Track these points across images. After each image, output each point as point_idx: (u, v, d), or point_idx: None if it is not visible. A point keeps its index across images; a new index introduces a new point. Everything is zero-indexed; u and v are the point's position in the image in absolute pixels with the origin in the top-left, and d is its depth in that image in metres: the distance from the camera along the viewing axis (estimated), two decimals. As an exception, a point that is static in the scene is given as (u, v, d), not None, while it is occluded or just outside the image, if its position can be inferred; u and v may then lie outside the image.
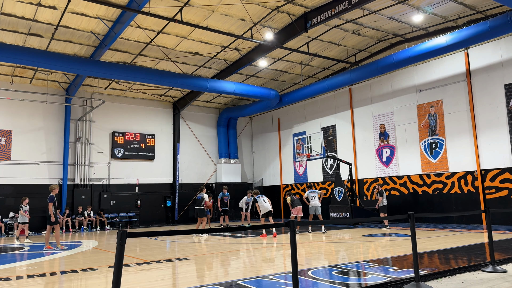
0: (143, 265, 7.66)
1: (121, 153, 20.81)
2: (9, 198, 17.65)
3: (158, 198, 21.80)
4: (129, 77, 16.21)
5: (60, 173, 19.04)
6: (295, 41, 16.11)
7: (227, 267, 7.55)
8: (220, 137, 24.15)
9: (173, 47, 16.46)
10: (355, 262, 7.38)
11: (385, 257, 7.90)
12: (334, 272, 6.36)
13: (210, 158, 24.09)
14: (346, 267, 6.80)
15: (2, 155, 17.87)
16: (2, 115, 18.03)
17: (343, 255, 8.41)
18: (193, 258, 8.50)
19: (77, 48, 15.95)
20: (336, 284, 5.45)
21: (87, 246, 11.68)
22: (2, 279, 6.63)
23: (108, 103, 20.24)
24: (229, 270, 7.20)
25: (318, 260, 7.87)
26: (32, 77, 18.21)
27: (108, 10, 13.32)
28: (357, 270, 6.61)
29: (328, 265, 7.13)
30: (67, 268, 7.74)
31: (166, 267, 7.50)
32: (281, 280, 5.85)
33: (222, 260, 8.36)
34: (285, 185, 22.97)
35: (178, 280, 6.39)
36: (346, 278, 5.85)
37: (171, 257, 8.81)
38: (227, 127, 24.31)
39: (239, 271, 7.02)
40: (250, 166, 25.65)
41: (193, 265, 7.63)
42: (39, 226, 17.56)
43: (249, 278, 6.04)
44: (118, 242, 3.26)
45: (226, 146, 24.11)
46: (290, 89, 22.04)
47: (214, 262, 8.06)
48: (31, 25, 14.00)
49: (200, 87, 17.60)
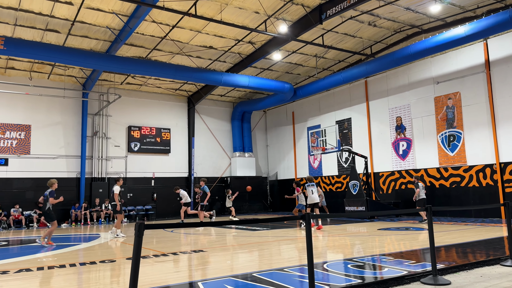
0: (160, 257, 7.77)
1: (137, 147, 21.06)
2: (29, 191, 18.08)
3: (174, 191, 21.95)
4: (145, 71, 16.34)
5: (78, 167, 19.40)
6: (310, 33, 15.97)
7: (242, 259, 7.59)
8: (234, 131, 24.21)
9: (188, 41, 16.50)
10: (371, 255, 7.34)
11: (401, 251, 7.83)
12: (350, 265, 6.34)
13: (225, 151, 24.19)
14: (361, 260, 6.77)
15: (22, 150, 18.28)
16: (21, 110, 18.42)
17: (358, 248, 8.37)
18: (209, 250, 8.58)
19: (93, 43, 16.13)
20: (351, 277, 5.44)
21: (105, 239, 11.90)
22: (23, 269, 6.81)
23: (124, 97, 20.47)
24: (244, 262, 7.25)
25: (333, 254, 7.86)
26: (50, 72, 18.52)
27: (123, 5, 13.41)
28: (372, 263, 6.58)
29: (343, 259, 7.11)
30: (86, 259, 7.90)
31: (183, 259, 7.59)
32: (296, 273, 5.87)
33: (237, 252, 8.42)
34: (299, 179, 22.92)
35: (194, 272, 6.46)
36: (361, 271, 5.83)
37: (187, 249, 8.91)
38: (241, 121, 24.35)
39: (254, 263, 7.06)
40: (264, 160, 25.67)
41: (209, 257, 7.70)
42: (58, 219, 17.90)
43: (264, 271, 6.07)
44: (136, 233, 3.31)
45: (240, 139, 24.17)
46: (304, 82, 21.91)
47: (229, 255, 8.12)
48: (48, 21, 14.21)
49: (214, 81, 17.64)
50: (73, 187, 19.16)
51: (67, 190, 18.89)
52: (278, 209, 24.33)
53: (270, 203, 25.13)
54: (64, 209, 18.57)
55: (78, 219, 18.31)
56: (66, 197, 18.63)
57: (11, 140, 18.10)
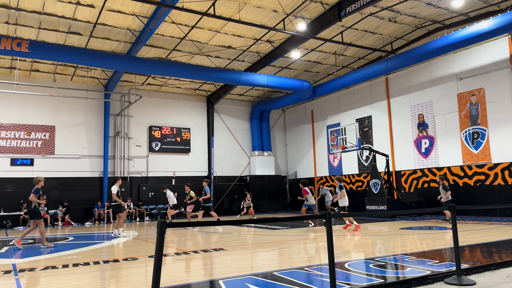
0: (181, 255, 7.86)
1: (158, 146, 21.35)
2: (54, 190, 18.55)
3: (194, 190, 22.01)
4: (165, 72, 16.54)
5: (100, 166, 19.80)
6: (329, 30, 15.84)
7: (262, 258, 7.61)
8: (253, 130, 24.25)
9: (206, 41, 16.61)
10: (393, 255, 7.24)
11: (424, 250, 7.70)
12: (371, 265, 6.28)
13: (244, 150, 24.25)
14: (383, 260, 6.69)
15: (47, 150, 18.78)
16: (46, 112, 18.91)
17: (380, 248, 8.27)
18: (229, 249, 8.63)
19: (114, 45, 16.42)
20: (373, 277, 5.38)
21: (127, 237, 12.10)
22: (49, 267, 7.00)
23: (145, 98, 20.76)
24: (264, 261, 7.26)
25: (354, 253, 7.79)
26: (73, 74, 18.95)
27: (143, 7, 13.60)
28: (395, 263, 6.49)
29: (364, 258, 7.04)
30: (109, 257, 8.06)
31: (203, 257, 7.66)
32: (316, 272, 5.84)
33: (257, 251, 8.44)
34: (319, 177, 22.79)
35: (215, 270, 6.51)
36: (383, 271, 5.75)
37: (208, 247, 8.98)
38: (260, 120, 24.37)
39: (274, 262, 7.07)
40: (283, 159, 25.62)
41: (229, 256, 7.74)
42: (82, 217, 18.36)
43: (284, 269, 6.07)
44: (158, 232, 3.36)
45: (259, 138, 24.19)
46: (323, 80, 21.75)
47: (250, 253, 8.14)
48: (71, 24, 14.53)
49: (233, 81, 17.71)
50: (96, 186, 19.56)
51: (90, 189, 19.33)
52: (297, 208, 24.25)
53: (290, 202, 25.07)
54: (88, 208, 19.01)
55: (101, 217, 18.70)
56: (89, 196, 19.15)
57: (36, 141, 18.61)
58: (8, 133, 18.09)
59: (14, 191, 17.82)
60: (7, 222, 17.11)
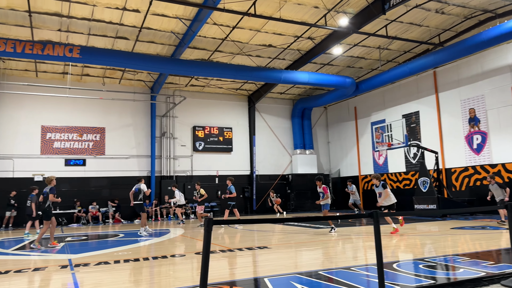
0: (226, 252, 7.97)
1: (201, 146, 21.80)
2: (105, 189, 19.45)
3: (237, 188, 22.20)
4: (207, 73, 16.85)
5: (148, 166, 20.52)
6: (372, 24, 15.44)
7: (307, 257, 7.56)
8: (294, 128, 24.13)
9: (247, 41, 16.72)
10: (443, 255, 6.95)
11: (477, 251, 7.32)
12: (421, 265, 6.05)
13: (285, 149, 24.20)
14: (433, 260, 6.43)
15: (98, 150, 19.71)
16: (96, 114, 19.85)
17: (429, 248, 7.96)
18: (274, 247, 8.64)
19: (159, 48, 16.92)
20: (423, 277, 5.19)
21: (174, 234, 12.45)
22: (102, 262, 7.34)
23: (188, 99, 21.24)
24: (309, 260, 7.20)
25: (402, 253, 7.55)
26: (121, 77, 19.74)
27: (186, 9, 13.92)
28: (445, 264, 6.22)
29: (413, 258, 6.81)
30: (158, 254, 8.32)
31: (248, 255, 7.72)
32: (364, 272, 5.72)
33: (301, 250, 8.39)
34: (363, 176, 22.29)
35: (260, 268, 6.55)
36: (433, 272, 5.54)
37: (252, 245, 9.04)
38: (301, 118, 24.21)
39: (319, 261, 7.00)
40: (326, 157, 25.30)
41: (274, 254, 7.76)
42: (131, 215, 19.09)
43: (330, 269, 5.99)
44: (205, 229, 3.43)
45: (301, 137, 24.04)
46: (367, 76, 21.22)
47: (294, 252, 8.11)
48: (118, 29, 15.14)
49: (274, 79, 17.71)
50: (144, 185, 20.24)
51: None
52: (341, 207, 23.85)
53: (333, 200, 24.69)
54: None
55: (149, 215, 19.35)
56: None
57: (88, 142, 19.59)
58: (62, 135, 19.17)
59: (68, 190, 18.84)
60: (62, 219, 18.12)
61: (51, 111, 19.04)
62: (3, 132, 18.12)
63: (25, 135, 18.49)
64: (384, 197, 10.90)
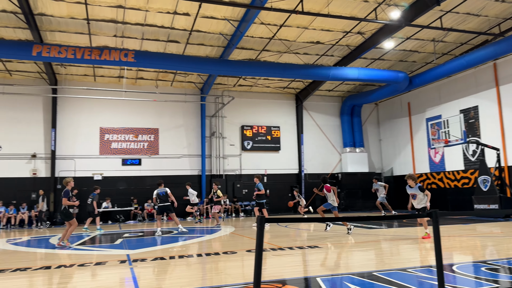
0: (277, 251, 7.98)
1: (250, 145, 22.00)
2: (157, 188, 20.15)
3: (285, 187, 22.43)
4: (255, 72, 16.96)
5: (199, 165, 21.04)
6: (426, 16, 14.76)
7: (359, 257, 7.39)
8: (344, 125, 23.67)
9: (295, 39, 16.63)
10: (507, 258, 6.50)
11: (549, 256, 6.78)
12: (483, 268, 5.71)
13: (334, 147, 23.80)
14: (496, 263, 6.04)
15: (152, 150, 20.52)
16: (150, 116, 20.66)
17: (491, 250, 7.50)
18: (324, 247, 8.53)
19: (208, 50, 17.28)
20: (485, 281, 4.89)
21: (225, 232, 12.67)
22: (158, 258, 7.63)
23: (237, 99, 21.51)
24: (362, 260, 7.04)
25: (462, 255, 7.17)
26: (172, 80, 20.39)
27: (234, 10, 14.10)
28: (510, 267, 5.82)
29: (474, 261, 6.43)
30: (210, 250, 8.51)
31: (298, 254, 7.68)
32: (420, 274, 5.50)
33: (353, 250, 8.22)
34: (418, 174, 21.40)
35: (311, 267, 6.49)
36: (496, 275, 5.21)
37: (303, 244, 8.99)
38: (351, 115, 23.70)
39: (372, 262, 6.82)
40: (377, 155, 24.58)
41: (325, 254, 7.66)
42: (184, 213, 19.67)
43: (384, 270, 5.82)
44: (258, 226, 3.45)
45: (350, 134, 23.54)
46: (421, 70, 20.33)
47: (345, 252, 7.96)
48: (169, 33, 15.64)
49: (322, 76, 17.46)
50: (196, 183, 20.80)
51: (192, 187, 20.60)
52: (394, 207, 23.07)
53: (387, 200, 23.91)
54: (188, 204, 20.27)
55: (201, 213, 19.84)
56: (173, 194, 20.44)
57: (143, 143, 20.45)
58: (119, 136, 20.15)
59: (125, 188, 19.78)
60: (120, 216, 19.04)
61: (109, 113, 20.07)
62: (65, 134, 19.35)
63: (85, 137, 19.63)
64: (428, 198, 9.64)
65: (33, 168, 18.79)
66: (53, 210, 18.54)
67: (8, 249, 9.62)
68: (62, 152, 19.20)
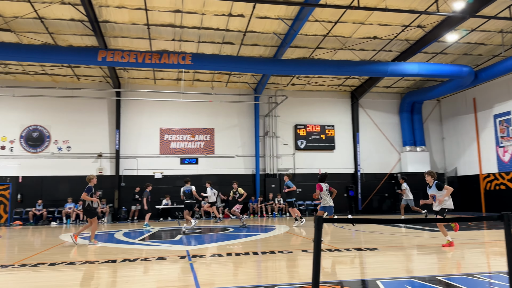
0: (334, 252, 7.85)
1: (303, 144, 21.86)
2: (215, 186, 20.57)
3: (340, 187, 21.94)
4: (309, 71, 16.83)
5: (253, 164, 21.27)
6: (492, 6, 13.80)
7: (421, 261, 7.08)
8: (403, 123, 22.76)
9: (350, 35, 16.26)
10: None
11: None
12: None
13: (393, 146, 22.96)
14: None
15: (208, 150, 21.06)
16: (206, 116, 21.23)
17: None
18: (384, 249, 8.25)
19: (262, 50, 17.40)
20: None
21: (279, 230, 12.69)
22: (216, 255, 7.81)
23: (290, 98, 21.45)
24: (425, 264, 6.73)
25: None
26: (227, 80, 20.79)
27: (287, 9, 14.08)
28: None
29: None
30: (265, 249, 8.56)
31: (356, 256, 7.51)
32: (491, 280, 5.15)
33: (414, 253, 7.88)
34: (485, 175, 20.05)
35: (371, 270, 6.31)
36: None
37: (360, 246, 8.77)
38: (411, 113, 22.73)
39: (435, 266, 6.50)
40: (440, 154, 23.35)
41: (384, 256, 7.41)
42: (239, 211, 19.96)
43: (449, 275, 5.52)
44: (315, 226, 3.42)
45: (410, 133, 22.59)
46: (487, 63, 19.01)
47: (406, 255, 7.65)
48: (224, 35, 15.95)
49: (379, 73, 16.92)
50: (250, 182, 21.06)
51: (245, 185, 20.80)
52: (459, 209, 21.79)
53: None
54: (243, 202, 20.57)
55: (255, 211, 20.04)
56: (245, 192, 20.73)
57: (199, 142, 21.07)
58: (177, 136, 20.91)
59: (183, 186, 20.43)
60: (179, 213, 19.72)
61: (168, 114, 20.89)
62: (128, 134, 20.41)
63: (146, 137, 20.59)
64: (445, 195, 8.33)
65: (99, 167, 20.03)
66: (117, 206, 19.64)
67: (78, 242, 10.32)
68: (126, 151, 20.28)
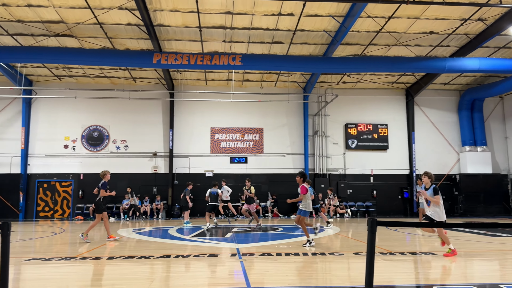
0: (387, 255, 7.60)
1: (354, 144, 21.36)
2: (264, 185, 20.77)
3: (395, 189, 21.30)
4: (361, 68, 16.42)
5: (302, 164, 21.12)
6: None
7: (482, 267, 6.66)
8: (462, 122, 21.57)
9: (405, 31, 15.66)
10: None
11: None
12: None
13: (451, 146, 21.82)
14: None
15: (257, 149, 21.20)
16: (256, 116, 21.37)
17: None
18: (440, 253, 7.86)
19: (311, 48, 17.22)
20: None
21: (330, 232, 12.49)
22: (265, 254, 7.84)
23: (340, 96, 21.04)
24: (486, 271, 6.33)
25: None
26: (276, 80, 20.80)
27: (338, 6, 13.83)
28: None
29: None
30: (316, 250, 8.46)
31: (411, 260, 7.22)
32: None
33: (476, 259, 7.43)
34: None
35: (424, 275, 6.04)
36: None
37: (415, 250, 8.42)
38: (470, 110, 21.50)
39: (498, 273, 6.09)
40: (503, 154, 21.87)
41: (441, 261, 7.06)
42: (287, 210, 19.94)
43: None
44: (369, 229, 3.34)
45: (470, 132, 21.36)
46: (558, 57, 17.55)
47: (466, 261, 7.23)
48: (274, 34, 15.96)
49: (436, 69, 16.14)
50: (299, 182, 20.90)
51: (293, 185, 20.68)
52: (524, 213, 20.35)
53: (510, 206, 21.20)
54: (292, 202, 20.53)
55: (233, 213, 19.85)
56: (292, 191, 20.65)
57: (248, 142, 21.27)
58: (227, 135, 21.25)
59: (233, 185, 20.68)
60: (229, 211, 20.03)
61: (218, 114, 21.29)
62: (181, 134, 21.04)
63: (198, 137, 21.12)
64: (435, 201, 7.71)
65: (154, 165, 20.83)
66: (170, 203, 20.32)
67: (134, 238, 10.80)
68: (179, 150, 20.92)
